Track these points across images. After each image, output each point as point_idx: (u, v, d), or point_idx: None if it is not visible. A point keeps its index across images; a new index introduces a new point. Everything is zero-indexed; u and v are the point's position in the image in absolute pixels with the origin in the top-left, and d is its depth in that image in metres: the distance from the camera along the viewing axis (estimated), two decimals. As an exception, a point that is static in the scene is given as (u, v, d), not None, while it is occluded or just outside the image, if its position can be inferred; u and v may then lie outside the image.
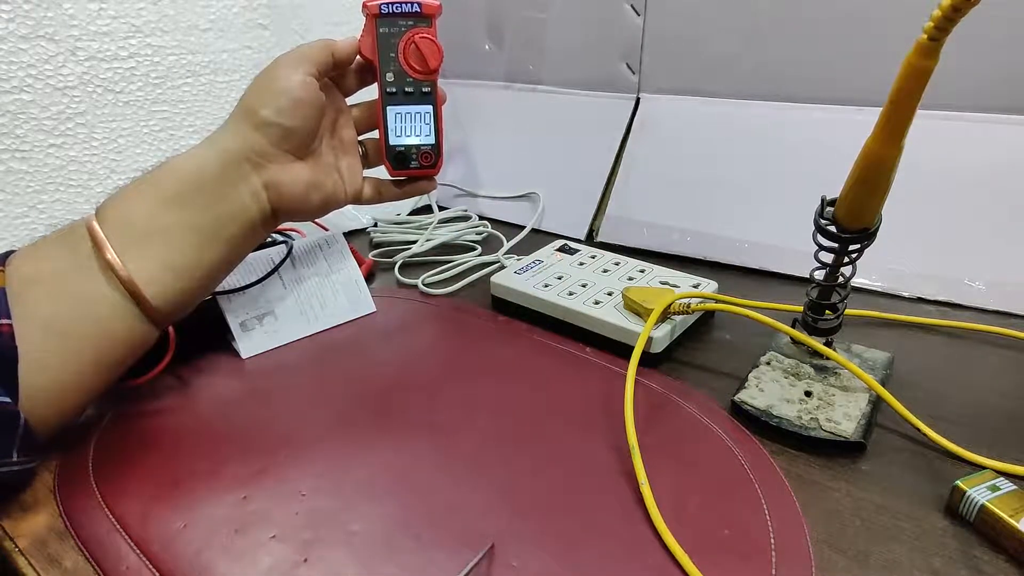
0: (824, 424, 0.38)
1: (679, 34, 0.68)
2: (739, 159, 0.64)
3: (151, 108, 0.59)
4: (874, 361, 0.44)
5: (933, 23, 0.28)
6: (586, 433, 0.39)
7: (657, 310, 0.44)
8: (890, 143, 0.33)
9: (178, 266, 0.39)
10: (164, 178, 0.39)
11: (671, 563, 0.30)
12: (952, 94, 0.55)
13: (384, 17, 0.45)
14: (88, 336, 0.36)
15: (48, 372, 0.35)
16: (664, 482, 0.34)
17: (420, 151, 0.48)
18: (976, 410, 0.41)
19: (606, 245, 0.66)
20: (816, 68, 0.61)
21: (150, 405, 0.43)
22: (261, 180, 0.42)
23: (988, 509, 0.31)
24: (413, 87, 0.47)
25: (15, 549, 0.33)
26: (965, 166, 0.55)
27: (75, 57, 0.53)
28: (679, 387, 0.43)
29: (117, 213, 0.38)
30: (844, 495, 0.34)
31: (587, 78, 0.75)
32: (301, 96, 0.42)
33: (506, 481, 0.35)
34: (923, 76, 0.30)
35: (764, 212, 0.61)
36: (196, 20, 0.60)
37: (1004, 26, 0.52)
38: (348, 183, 0.47)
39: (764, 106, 0.65)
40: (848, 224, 0.37)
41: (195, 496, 0.35)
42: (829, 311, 0.42)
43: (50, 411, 0.36)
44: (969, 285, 0.53)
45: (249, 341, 0.49)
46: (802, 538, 0.32)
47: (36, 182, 0.54)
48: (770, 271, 0.59)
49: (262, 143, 0.41)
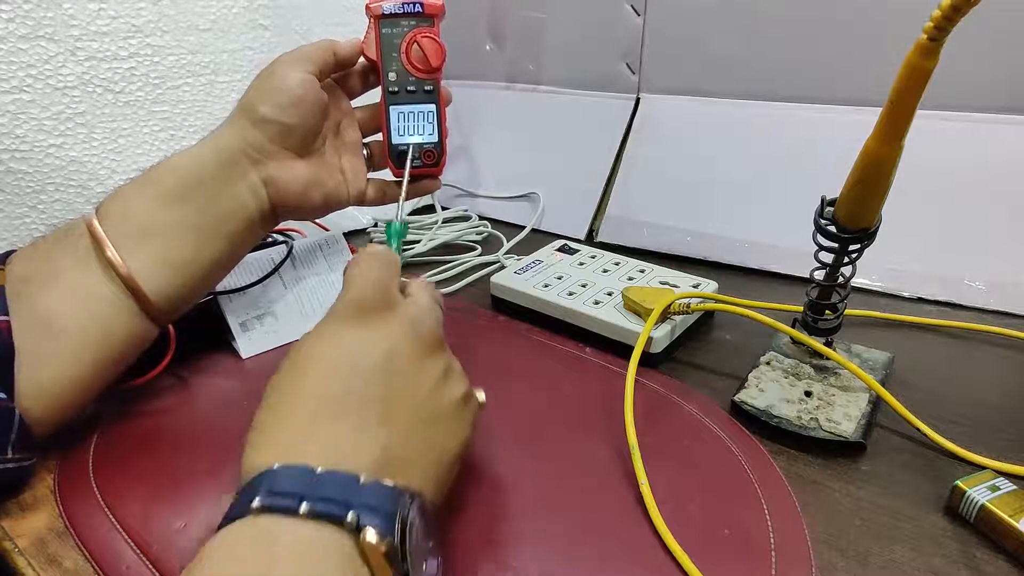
0: (824, 424, 0.38)
1: (679, 34, 0.68)
2: (739, 159, 0.64)
3: (151, 108, 0.59)
4: (874, 361, 0.44)
5: (933, 23, 0.28)
6: (586, 433, 0.39)
7: (657, 310, 0.44)
8: (890, 143, 0.33)
9: (177, 262, 0.39)
10: (163, 175, 0.39)
11: (671, 563, 0.30)
12: (952, 94, 0.55)
13: (387, 18, 0.45)
14: (87, 333, 0.36)
15: (46, 369, 0.35)
16: (664, 482, 0.34)
17: (423, 150, 0.48)
18: (976, 410, 0.41)
19: (606, 245, 0.66)
20: (816, 68, 0.61)
21: (150, 405, 0.43)
22: (260, 177, 0.42)
23: (988, 509, 0.31)
24: (416, 86, 0.47)
25: (15, 549, 0.33)
26: (965, 166, 0.55)
27: (75, 57, 0.53)
28: (679, 387, 0.43)
29: (117, 210, 0.38)
30: (844, 495, 0.34)
31: (587, 78, 0.75)
32: (300, 94, 0.42)
33: (506, 481, 0.35)
34: (923, 76, 0.30)
35: (764, 212, 0.61)
36: (196, 20, 0.60)
37: (1004, 26, 0.52)
38: (351, 183, 0.47)
39: (764, 106, 0.65)
40: (848, 224, 0.37)
41: (195, 496, 0.35)
42: (829, 311, 0.42)
43: (48, 408, 0.36)
44: (969, 285, 0.53)
45: (249, 341, 0.49)
46: (802, 538, 0.32)
47: (36, 182, 0.54)
48: (770, 271, 0.59)
49: (261, 140, 0.41)
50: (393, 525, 0.23)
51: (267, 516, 0.22)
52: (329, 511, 0.22)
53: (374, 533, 0.22)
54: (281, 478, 0.23)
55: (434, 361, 0.30)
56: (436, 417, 0.29)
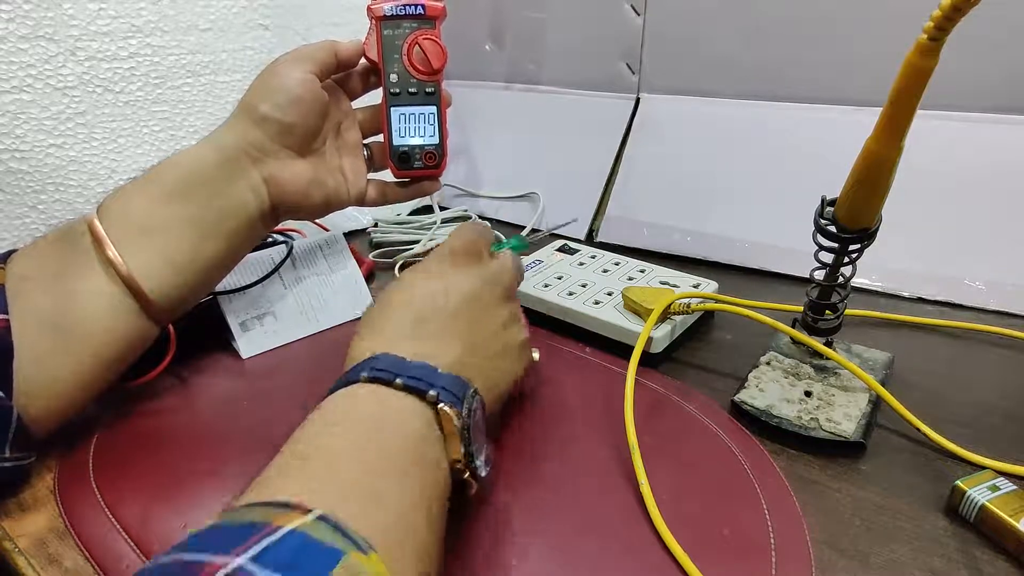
0: (824, 424, 0.38)
1: (679, 34, 0.68)
2: (739, 159, 0.64)
3: (151, 108, 0.59)
4: (874, 361, 0.44)
5: (933, 23, 0.28)
6: (586, 433, 0.39)
7: (657, 310, 0.44)
8: (890, 143, 0.33)
9: (177, 261, 0.39)
10: (164, 173, 0.40)
11: (671, 563, 0.30)
12: (952, 94, 0.55)
13: (388, 19, 0.46)
14: (86, 332, 0.36)
15: (45, 367, 0.35)
16: (664, 482, 0.34)
17: (424, 151, 0.48)
18: (976, 410, 0.41)
19: (606, 245, 0.66)
20: (816, 68, 0.61)
21: (150, 405, 0.43)
22: (260, 175, 0.42)
23: (988, 509, 0.31)
24: (417, 88, 0.47)
25: (15, 549, 0.33)
26: (965, 166, 0.55)
27: (75, 57, 0.53)
28: (679, 387, 0.43)
29: (117, 209, 0.38)
30: (844, 495, 0.34)
31: (587, 78, 0.75)
32: (300, 93, 0.42)
33: (505, 481, 0.35)
34: (923, 76, 0.30)
35: (764, 212, 0.61)
36: (196, 20, 0.60)
37: (1004, 26, 0.52)
38: (351, 184, 0.47)
39: (764, 106, 0.65)
40: (848, 224, 0.37)
41: (195, 496, 0.35)
42: (829, 311, 0.42)
43: (46, 407, 0.36)
44: (969, 285, 0.53)
45: (249, 341, 0.49)
46: (802, 538, 0.32)
47: (36, 182, 0.54)
48: (770, 271, 0.59)
49: (261, 138, 0.41)
50: (462, 406, 0.29)
51: (373, 384, 0.29)
52: (417, 386, 0.29)
53: (448, 407, 0.29)
54: (381, 361, 0.30)
55: (505, 308, 0.38)
56: (498, 351, 0.36)
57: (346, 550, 0.20)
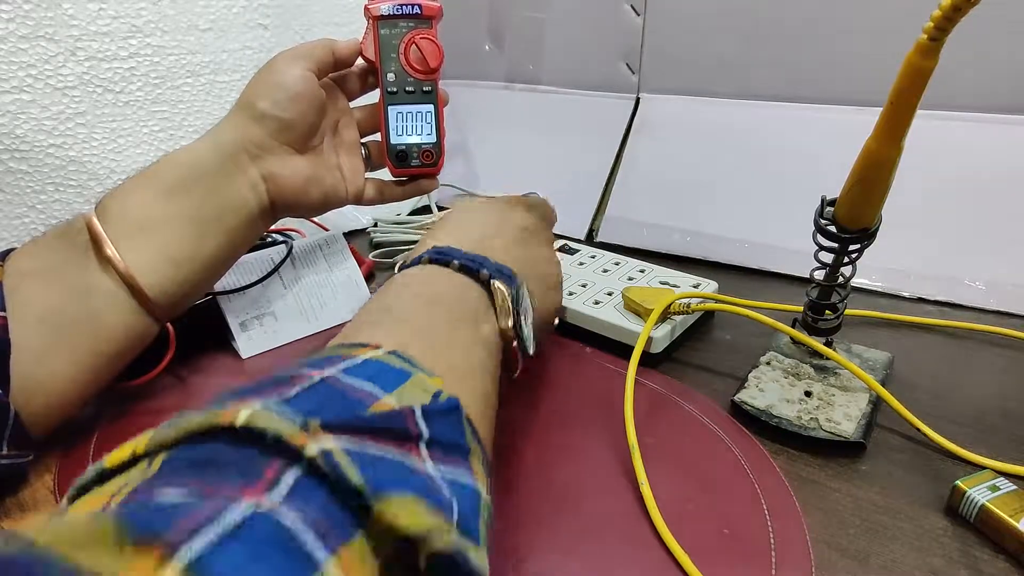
0: (824, 424, 0.38)
1: (679, 34, 0.68)
2: (739, 159, 0.64)
3: (151, 108, 0.59)
4: (874, 361, 0.44)
5: (933, 23, 0.28)
6: (586, 433, 0.39)
7: (657, 310, 0.44)
8: (890, 143, 0.33)
9: (176, 257, 0.39)
10: (163, 169, 0.40)
11: (671, 563, 0.30)
12: (952, 94, 0.55)
13: (385, 19, 0.46)
14: (84, 329, 0.36)
15: (43, 365, 0.35)
16: (664, 482, 0.34)
17: (421, 150, 0.48)
18: (976, 410, 0.41)
19: (606, 245, 0.66)
20: (816, 68, 0.61)
21: (150, 405, 0.43)
22: (259, 172, 0.42)
23: (988, 509, 0.31)
24: (414, 86, 0.47)
25: (15, 549, 0.32)
26: (965, 166, 0.55)
27: (75, 57, 0.53)
28: (679, 387, 0.43)
29: (116, 206, 0.38)
30: (844, 495, 0.34)
31: (587, 78, 0.75)
32: (298, 90, 0.42)
33: (505, 481, 0.35)
34: (923, 76, 0.30)
35: (764, 212, 0.61)
36: (196, 20, 0.60)
37: (1004, 26, 0.52)
38: (349, 182, 0.47)
39: (764, 106, 0.65)
40: (848, 224, 0.37)
41: (195, 496, 0.35)
42: (829, 311, 0.42)
43: (45, 405, 0.35)
44: (969, 285, 0.53)
45: (249, 341, 0.49)
46: (802, 538, 0.32)
47: (36, 182, 0.54)
48: (770, 271, 0.59)
49: (260, 135, 0.42)
50: (512, 287, 0.33)
51: (432, 265, 0.34)
52: (471, 266, 0.33)
53: (499, 283, 0.33)
54: (440, 249, 0.35)
55: (551, 248, 0.44)
56: (545, 276, 0.41)
57: (414, 372, 0.24)
